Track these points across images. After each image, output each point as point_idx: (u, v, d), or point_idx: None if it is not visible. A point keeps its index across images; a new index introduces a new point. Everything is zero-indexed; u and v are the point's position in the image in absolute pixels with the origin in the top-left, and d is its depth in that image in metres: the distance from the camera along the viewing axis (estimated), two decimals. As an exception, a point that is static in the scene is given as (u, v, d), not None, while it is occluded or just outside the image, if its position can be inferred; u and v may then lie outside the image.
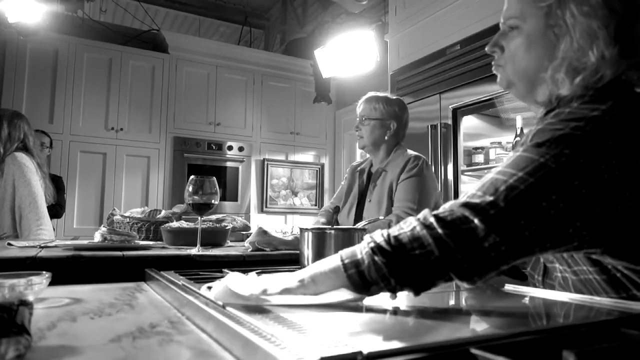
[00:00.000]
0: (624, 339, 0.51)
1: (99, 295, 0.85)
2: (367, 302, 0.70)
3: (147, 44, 4.62)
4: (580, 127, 0.71)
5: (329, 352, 0.41)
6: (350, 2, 3.56)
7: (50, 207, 2.52)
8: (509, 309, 0.67)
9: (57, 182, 3.06)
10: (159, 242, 1.83)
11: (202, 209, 1.51)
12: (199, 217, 1.55)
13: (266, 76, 4.86)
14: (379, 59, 3.09)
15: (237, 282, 0.70)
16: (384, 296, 0.70)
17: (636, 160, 0.70)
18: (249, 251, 1.57)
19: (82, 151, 4.06)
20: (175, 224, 1.81)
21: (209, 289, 0.73)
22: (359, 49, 3.11)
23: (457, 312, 0.67)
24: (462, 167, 2.78)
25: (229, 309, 0.60)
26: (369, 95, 2.02)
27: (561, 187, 0.67)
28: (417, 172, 1.85)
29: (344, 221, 2.01)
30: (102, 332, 0.59)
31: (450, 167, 2.76)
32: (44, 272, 0.78)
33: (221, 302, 0.66)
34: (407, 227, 0.67)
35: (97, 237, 1.62)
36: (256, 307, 0.64)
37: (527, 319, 0.65)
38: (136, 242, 1.67)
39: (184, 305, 0.72)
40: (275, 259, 1.50)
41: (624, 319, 0.61)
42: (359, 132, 2.00)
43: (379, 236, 0.68)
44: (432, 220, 0.65)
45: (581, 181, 0.67)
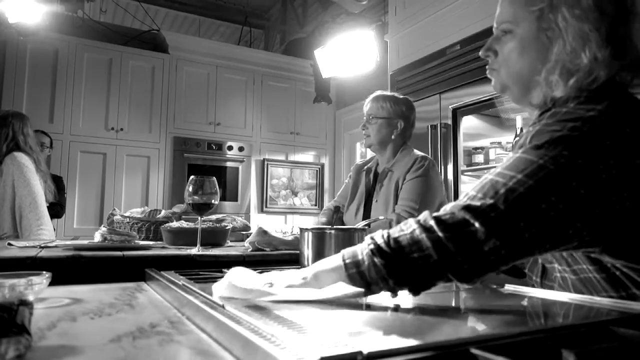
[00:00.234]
0: (624, 339, 0.51)
1: (99, 295, 0.85)
2: (367, 301, 0.70)
3: (147, 44, 4.62)
4: (577, 127, 0.72)
5: (329, 352, 0.41)
6: (350, 2, 3.56)
7: (50, 207, 2.52)
8: (509, 309, 0.67)
9: (58, 182, 3.06)
10: (159, 242, 1.83)
11: (202, 209, 1.51)
12: (199, 217, 1.55)
13: (266, 76, 4.86)
14: (379, 59, 3.09)
15: (239, 277, 0.73)
16: (385, 295, 0.70)
17: (633, 159, 0.71)
18: (249, 251, 1.57)
19: (82, 151, 4.06)
20: (175, 224, 1.81)
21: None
22: (359, 49, 3.11)
23: (457, 312, 0.67)
24: (462, 167, 2.78)
25: (229, 308, 0.60)
26: (376, 94, 2.01)
27: (560, 188, 0.67)
28: (422, 172, 1.84)
29: (350, 221, 1.98)
30: (102, 332, 0.59)
31: (450, 167, 2.76)
32: (44, 272, 0.78)
33: (225, 296, 0.70)
34: (407, 229, 0.68)
35: (97, 237, 1.63)
36: (256, 306, 0.64)
37: (527, 319, 0.65)
38: (136, 242, 1.67)
39: (184, 305, 0.72)
40: (275, 259, 1.50)
41: (623, 319, 0.61)
42: (365, 130, 1.98)
43: (379, 237, 0.69)
44: (432, 223, 0.66)
45: (580, 182, 0.68)
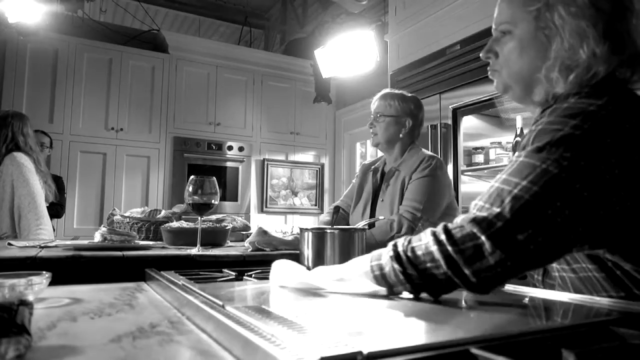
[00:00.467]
0: (624, 339, 0.51)
1: (99, 295, 0.85)
2: (367, 301, 0.70)
3: (147, 44, 4.63)
4: (578, 125, 0.72)
5: (329, 352, 0.41)
6: (350, 2, 3.56)
7: (50, 207, 2.52)
8: (509, 309, 0.67)
9: (57, 182, 3.06)
10: (159, 242, 1.83)
11: (202, 209, 1.51)
12: (199, 217, 1.55)
13: (266, 76, 4.86)
14: (379, 59, 3.09)
15: (287, 268, 0.90)
16: (383, 296, 0.70)
17: (633, 157, 0.71)
18: (249, 251, 1.57)
19: (82, 151, 4.06)
20: (175, 224, 1.81)
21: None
22: (359, 49, 3.11)
23: (457, 312, 0.67)
24: (462, 167, 2.78)
25: (229, 308, 0.60)
26: (384, 91, 1.98)
27: (565, 192, 0.68)
28: (429, 172, 1.80)
29: (357, 221, 1.95)
30: (102, 332, 0.59)
31: (450, 167, 2.76)
32: (44, 272, 0.78)
33: (283, 284, 0.86)
34: (424, 239, 0.71)
35: (97, 237, 1.63)
36: (256, 306, 0.64)
37: (527, 319, 0.65)
38: (136, 242, 1.67)
39: (184, 305, 0.72)
40: (275, 258, 1.49)
41: (623, 319, 0.61)
42: (373, 129, 1.95)
43: (400, 244, 0.74)
44: (443, 237, 0.69)
45: (583, 184, 0.68)
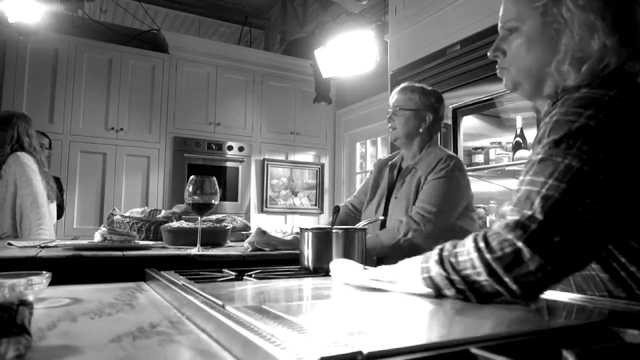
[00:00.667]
0: (624, 339, 0.51)
1: (99, 295, 0.85)
2: (367, 301, 0.70)
3: (147, 44, 4.62)
4: (593, 115, 0.72)
5: (329, 352, 0.41)
6: (350, 2, 3.56)
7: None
8: (509, 309, 0.67)
9: (56, 182, 3.05)
10: (159, 242, 1.83)
11: (202, 209, 1.51)
12: (199, 217, 1.55)
13: (266, 76, 4.86)
14: (379, 59, 3.09)
15: (347, 267, 0.90)
16: (385, 294, 0.70)
17: None
18: (249, 251, 1.57)
19: (82, 151, 4.06)
20: (175, 224, 1.81)
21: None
22: (359, 49, 3.10)
23: (457, 312, 0.67)
24: (462, 167, 2.78)
25: (229, 308, 0.60)
26: (404, 85, 1.91)
27: (591, 186, 0.68)
28: (446, 173, 1.73)
29: (370, 217, 1.87)
30: (102, 332, 0.59)
31: (450, 167, 2.75)
32: (44, 272, 0.78)
33: (346, 282, 0.87)
34: (467, 245, 0.71)
35: (97, 237, 1.63)
36: (256, 306, 0.64)
37: (527, 319, 0.65)
38: (136, 242, 1.67)
39: (184, 305, 0.72)
40: (274, 258, 1.50)
41: (623, 319, 0.61)
42: (391, 123, 1.87)
43: (446, 249, 0.73)
44: (482, 244, 0.68)
45: (605, 175, 0.68)
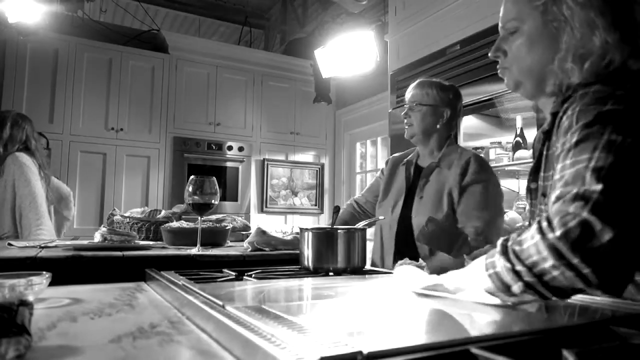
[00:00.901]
0: (624, 339, 0.51)
1: (99, 295, 0.85)
2: (367, 301, 0.70)
3: (147, 44, 4.62)
4: (618, 103, 0.71)
5: (329, 352, 0.41)
6: (350, 2, 3.56)
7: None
8: (509, 309, 0.67)
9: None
10: (159, 242, 1.83)
11: (202, 209, 1.51)
12: (199, 217, 1.55)
13: (266, 76, 4.86)
14: (379, 59, 3.09)
15: (411, 274, 0.84)
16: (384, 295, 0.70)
17: None
18: (249, 251, 1.57)
19: (82, 151, 4.06)
20: (175, 224, 1.81)
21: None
22: (359, 49, 3.10)
23: (457, 312, 0.67)
24: (462, 167, 2.77)
25: (229, 308, 0.60)
26: (421, 80, 1.86)
27: (637, 156, 0.65)
28: (485, 176, 1.65)
29: (387, 217, 1.80)
30: (102, 332, 0.59)
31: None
32: (44, 272, 0.78)
33: (417, 291, 0.78)
34: (532, 229, 0.64)
35: (97, 237, 1.63)
36: (256, 306, 0.64)
37: (527, 319, 0.65)
38: (136, 242, 1.67)
39: (184, 305, 0.72)
40: (274, 258, 1.50)
41: (623, 319, 0.61)
42: (407, 119, 1.81)
43: (511, 237, 0.66)
44: (545, 224, 0.62)
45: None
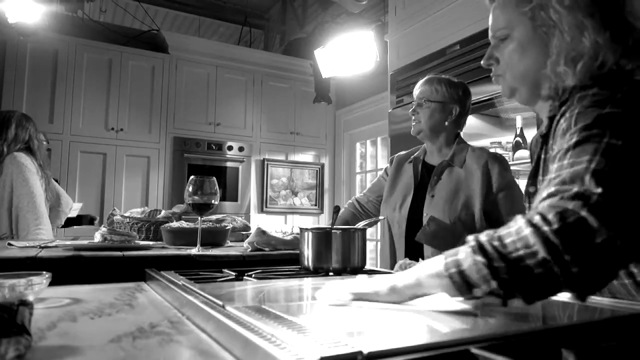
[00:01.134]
0: (624, 339, 0.51)
1: (99, 295, 0.85)
2: (366, 302, 0.70)
3: (147, 44, 4.62)
4: (616, 106, 0.71)
5: (329, 352, 0.41)
6: (350, 2, 3.56)
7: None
8: (509, 309, 0.67)
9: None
10: (159, 242, 1.83)
11: (202, 209, 1.51)
12: (199, 217, 1.55)
13: (266, 76, 4.86)
14: (379, 59, 3.09)
15: (337, 285, 0.73)
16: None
17: None
18: (249, 251, 1.57)
19: (82, 151, 4.06)
20: (175, 224, 1.81)
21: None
22: (359, 49, 3.11)
23: (457, 312, 0.67)
24: (462, 167, 2.77)
25: (229, 308, 0.60)
26: (430, 76, 1.85)
27: (637, 162, 0.65)
28: (511, 178, 1.61)
29: (391, 215, 1.79)
30: (102, 332, 0.59)
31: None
32: (44, 272, 0.78)
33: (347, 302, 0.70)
34: (513, 226, 0.62)
35: (97, 237, 1.62)
36: (256, 306, 0.64)
37: (527, 319, 0.65)
38: (136, 242, 1.67)
39: (184, 305, 0.72)
40: (274, 258, 1.50)
41: (623, 319, 0.61)
42: (415, 116, 1.78)
43: (483, 235, 0.63)
44: (537, 218, 0.59)
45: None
